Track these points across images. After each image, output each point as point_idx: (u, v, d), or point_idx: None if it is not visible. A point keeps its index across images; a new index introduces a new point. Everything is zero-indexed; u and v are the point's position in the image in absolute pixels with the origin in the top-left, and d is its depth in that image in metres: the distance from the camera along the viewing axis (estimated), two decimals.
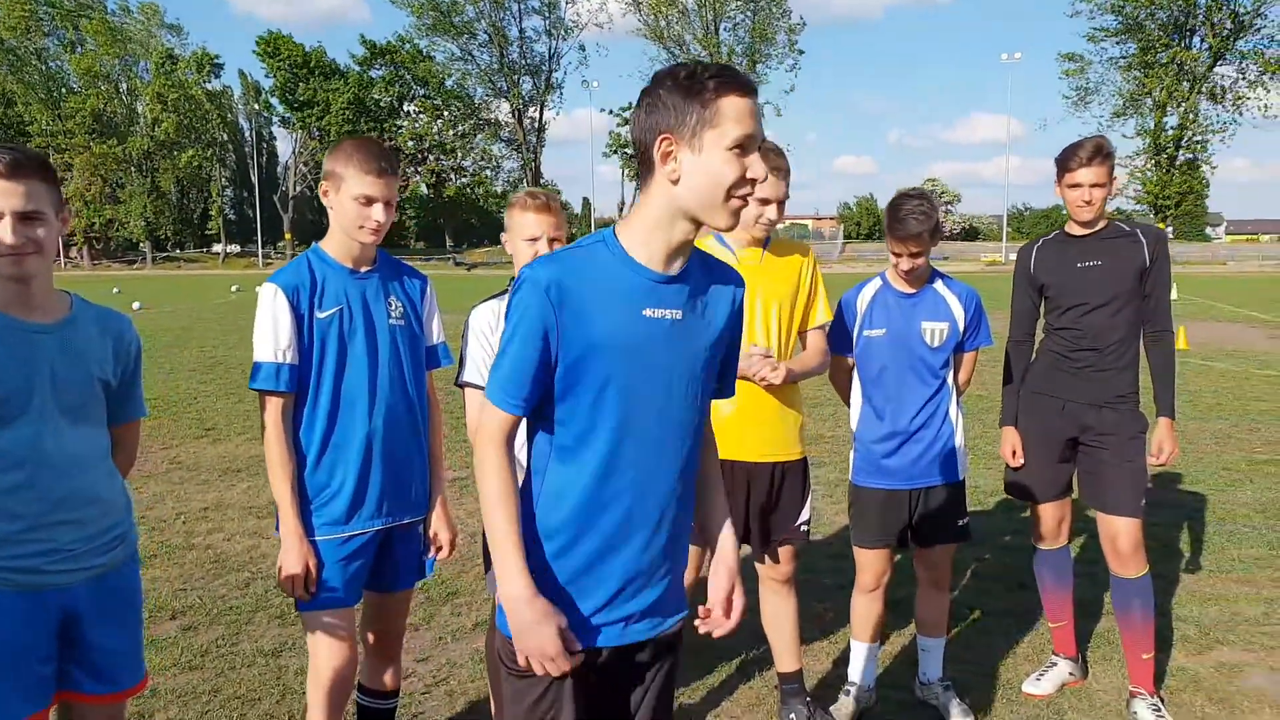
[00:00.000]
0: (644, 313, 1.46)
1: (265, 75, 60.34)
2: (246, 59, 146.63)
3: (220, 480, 5.95)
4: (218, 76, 62.65)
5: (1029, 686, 3.08)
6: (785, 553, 2.80)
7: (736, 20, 55.72)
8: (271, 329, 2.14)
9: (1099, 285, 2.89)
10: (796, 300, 2.73)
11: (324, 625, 2.22)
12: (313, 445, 2.19)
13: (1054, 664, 3.16)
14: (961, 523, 2.90)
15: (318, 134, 58.45)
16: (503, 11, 58.30)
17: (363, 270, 2.25)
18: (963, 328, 2.84)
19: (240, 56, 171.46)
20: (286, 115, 61.26)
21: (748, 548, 2.85)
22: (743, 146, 1.41)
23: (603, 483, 1.49)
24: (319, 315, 2.17)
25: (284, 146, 67.90)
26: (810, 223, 77.92)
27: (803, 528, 2.78)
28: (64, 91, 59.17)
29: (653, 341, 1.47)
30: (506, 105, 60.75)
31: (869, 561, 2.93)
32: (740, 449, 2.65)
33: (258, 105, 64.76)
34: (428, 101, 61.05)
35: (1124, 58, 48.65)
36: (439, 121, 61.51)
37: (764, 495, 2.69)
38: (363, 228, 2.16)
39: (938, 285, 2.85)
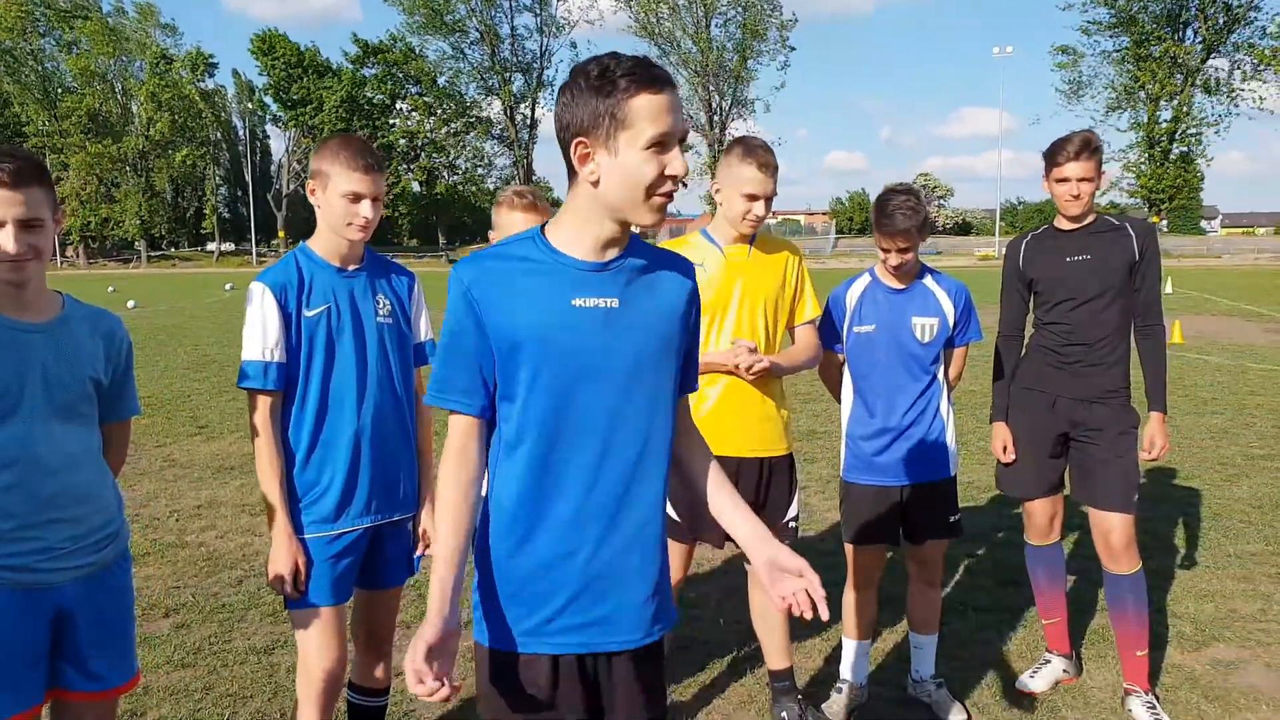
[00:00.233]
0: (573, 302, 1.44)
1: (259, 73, 60.21)
2: (239, 57, 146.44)
3: (213, 478, 5.95)
4: (212, 76, 62.52)
5: (1023, 684, 3.08)
6: None
7: (728, 16, 55.65)
8: (260, 328, 2.14)
9: (1088, 280, 2.88)
10: (783, 296, 2.72)
11: (313, 623, 2.22)
12: (301, 443, 2.19)
13: (1048, 661, 3.15)
14: (953, 519, 2.89)
15: (311, 132, 58.28)
16: (494, 9, 58.21)
17: (350, 268, 2.25)
18: (952, 323, 2.83)
19: (233, 55, 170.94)
20: (280, 114, 61.09)
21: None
22: (661, 144, 1.38)
23: (543, 477, 1.46)
24: (307, 314, 2.17)
25: (277, 145, 67.81)
26: (802, 218, 77.94)
27: (791, 524, 2.78)
28: (60, 91, 58.96)
29: (585, 331, 1.44)
30: (498, 103, 60.64)
31: (861, 558, 2.92)
32: (726, 444, 2.65)
33: (251, 104, 64.57)
34: (420, 99, 60.91)
35: (1117, 51, 48.70)
36: (431, 119, 61.40)
37: (751, 491, 2.69)
38: (351, 224, 2.16)
39: (927, 280, 2.85)
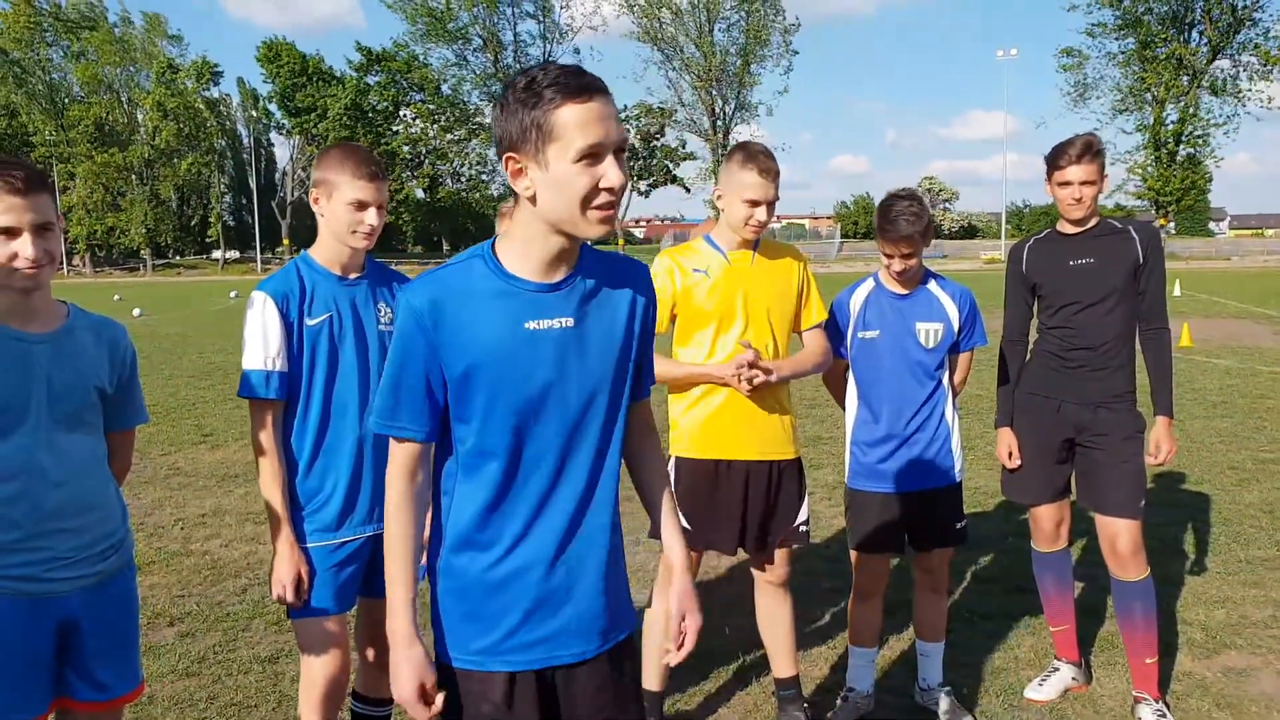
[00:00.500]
0: (526, 325, 1.42)
1: (265, 81, 60.54)
2: (244, 66, 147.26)
3: (218, 486, 5.95)
4: (216, 84, 62.88)
5: (1031, 692, 3.05)
6: (781, 555, 2.78)
7: (731, 21, 55.77)
8: (261, 337, 2.14)
9: (1091, 283, 2.86)
10: (789, 301, 2.71)
11: (316, 632, 2.22)
12: (304, 452, 2.19)
13: (1056, 669, 3.12)
14: (959, 526, 2.87)
15: (315, 140, 58.56)
16: (497, 16, 58.44)
17: (351, 277, 2.25)
18: (957, 328, 2.81)
19: (238, 63, 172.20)
20: (284, 121, 61.39)
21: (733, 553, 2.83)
22: (593, 155, 1.33)
23: (500, 497, 1.45)
24: (309, 322, 2.18)
25: (282, 153, 68.08)
26: (807, 222, 77.98)
27: (802, 528, 2.76)
28: (67, 101, 59.41)
29: (540, 353, 1.42)
30: None
31: (867, 565, 2.90)
32: (736, 449, 2.64)
33: (256, 112, 64.93)
34: (423, 106, 61.14)
35: (1122, 52, 48.63)
36: (434, 126, 61.60)
37: (762, 495, 2.68)
38: (355, 232, 2.17)
39: (931, 286, 2.83)
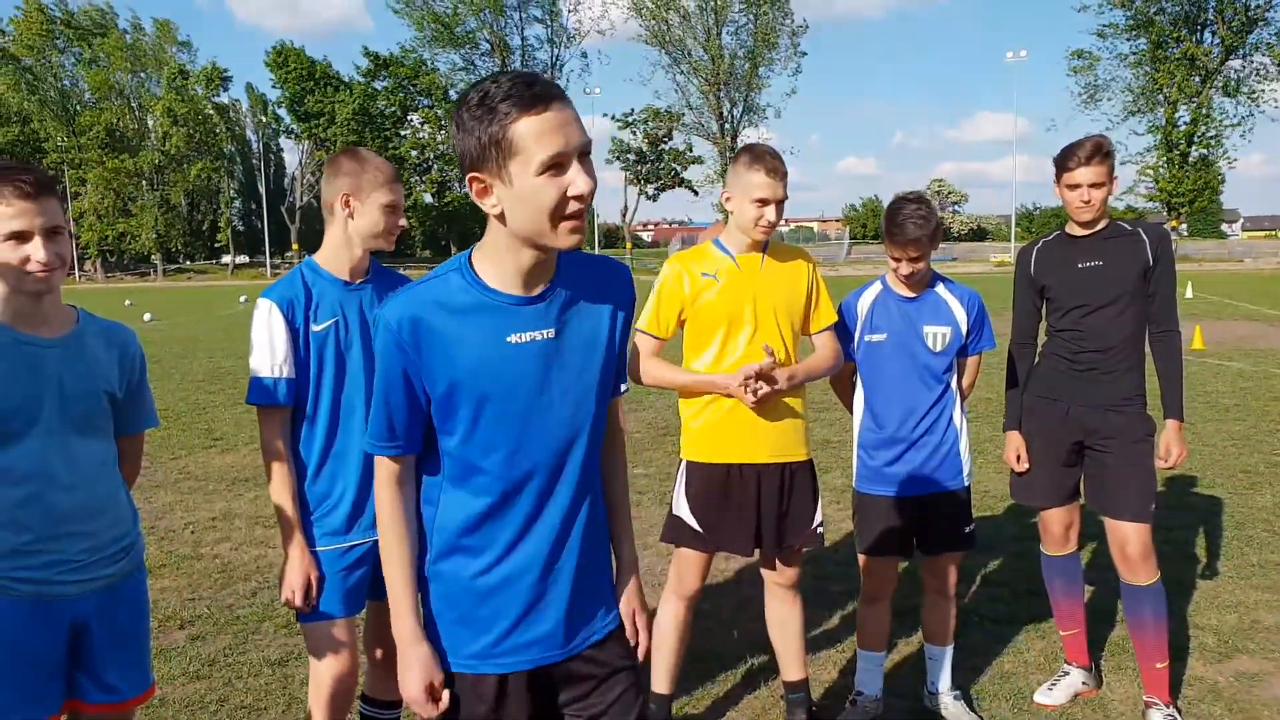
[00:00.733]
0: (508, 339, 1.41)
1: (273, 86, 60.93)
2: (253, 71, 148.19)
3: (228, 490, 5.99)
4: (226, 90, 63.34)
5: (1041, 696, 3.04)
6: (792, 558, 2.77)
7: (739, 24, 55.79)
8: (268, 344, 2.16)
9: (1100, 286, 2.85)
10: (799, 304, 2.70)
11: (326, 635, 2.23)
12: (312, 456, 2.21)
13: (1066, 673, 3.11)
14: (968, 529, 2.86)
15: (324, 145, 58.88)
16: (504, 21, 58.62)
17: (357, 282, 2.27)
18: (965, 331, 2.81)
19: (247, 68, 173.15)
20: (294, 126, 61.76)
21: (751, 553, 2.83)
22: (557, 165, 1.30)
23: (489, 506, 1.46)
24: (315, 328, 2.19)
25: (290, 158, 68.50)
26: (815, 225, 77.92)
27: (819, 530, 2.76)
28: (78, 107, 59.95)
29: (523, 366, 1.42)
30: None
31: (875, 569, 2.90)
32: (747, 452, 2.64)
33: (265, 117, 65.35)
34: (431, 112, 61.39)
35: (1133, 53, 48.38)
36: (442, 131, 61.82)
37: (775, 497, 2.67)
38: (390, 234, 2.25)
39: (939, 289, 2.83)
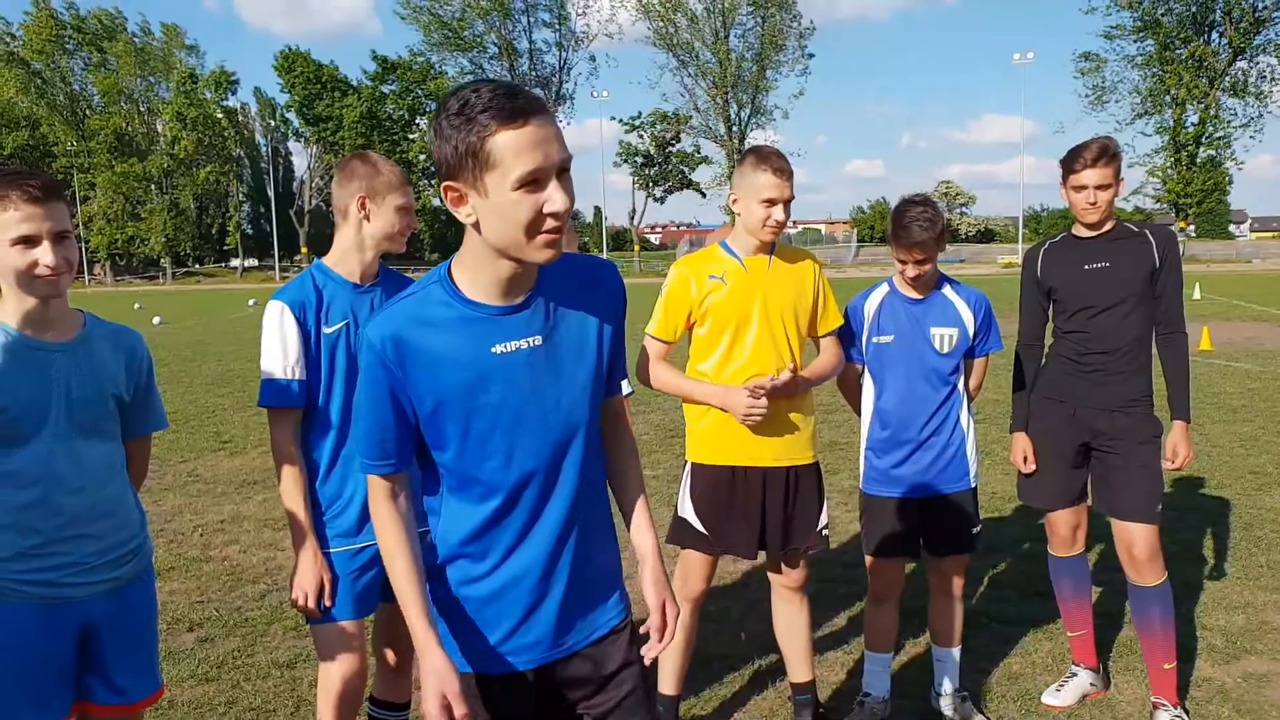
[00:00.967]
0: (494, 350, 1.40)
1: (282, 91, 61.27)
2: (261, 75, 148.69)
3: (237, 493, 6.02)
4: (234, 94, 63.67)
5: (1049, 698, 3.03)
6: (797, 560, 2.77)
7: (746, 26, 55.82)
8: (280, 345, 2.16)
9: (1107, 287, 2.84)
10: (805, 307, 2.70)
11: (335, 637, 2.23)
12: (323, 458, 2.22)
13: (1074, 674, 3.10)
14: (974, 531, 2.86)
15: (332, 148, 59.13)
16: (513, 25, 58.78)
17: (367, 285, 2.28)
18: (972, 333, 2.81)
19: (255, 72, 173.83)
20: (303, 130, 62.05)
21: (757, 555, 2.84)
22: (535, 180, 1.28)
23: (489, 513, 1.45)
24: (326, 330, 2.20)
25: (299, 162, 68.81)
26: (823, 227, 77.78)
27: (824, 532, 2.76)
28: (87, 111, 60.32)
29: (511, 375, 1.41)
30: None
31: (882, 571, 2.90)
32: (751, 455, 2.64)
33: (274, 121, 65.66)
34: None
35: (1141, 55, 48.21)
36: None
37: (780, 500, 2.67)
38: (404, 235, 2.29)
39: (946, 290, 2.83)
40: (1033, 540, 4.60)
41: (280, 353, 2.16)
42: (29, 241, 1.74)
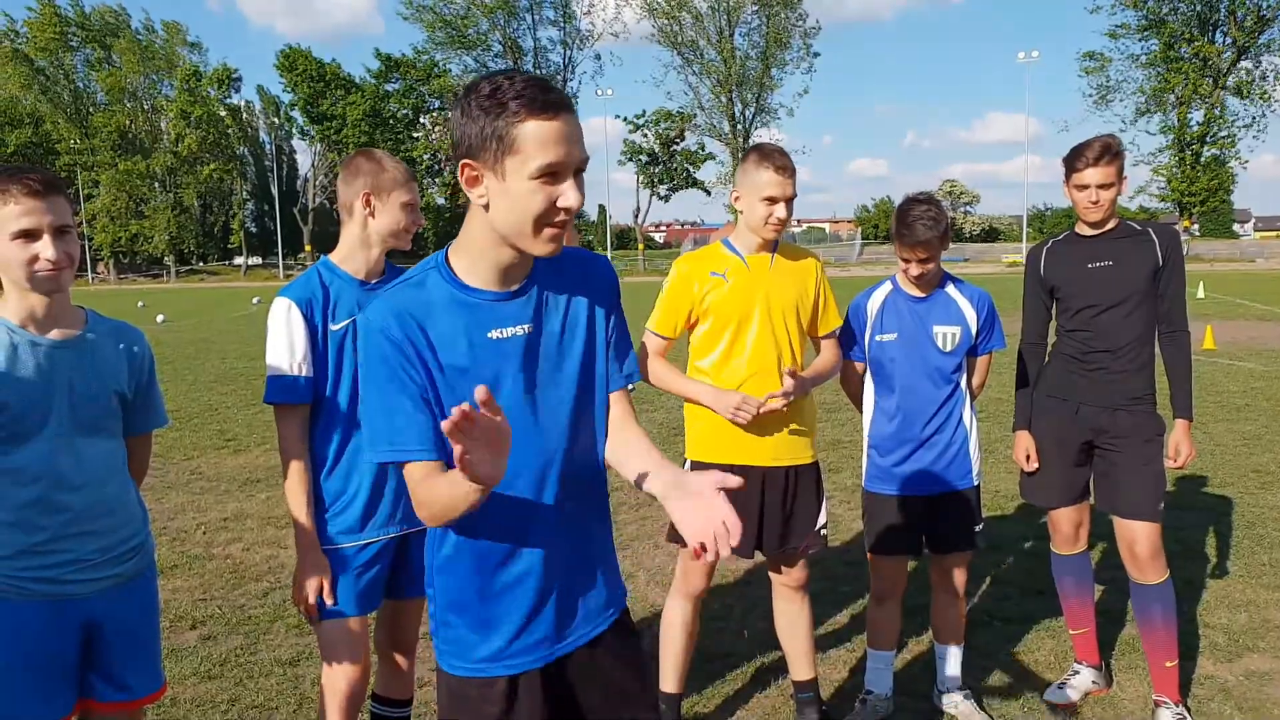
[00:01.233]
0: (489, 335, 1.41)
1: (284, 90, 61.29)
2: (264, 73, 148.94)
3: (240, 491, 6.02)
4: (237, 92, 63.76)
5: (1051, 695, 3.03)
6: (796, 559, 2.78)
7: (751, 25, 55.75)
8: (286, 342, 2.17)
9: (1110, 286, 2.84)
10: (806, 306, 2.71)
11: (337, 634, 2.23)
12: (328, 453, 2.22)
13: (1077, 672, 3.10)
14: (977, 528, 2.87)
15: (336, 147, 59.18)
16: (518, 23, 58.72)
17: (373, 282, 2.28)
18: (975, 331, 2.81)
19: (259, 70, 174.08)
20: (308, 128, 62.09)
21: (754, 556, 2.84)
22: (554, 174, 1.31)
23: (490, 509, 1.43)
24: (333, 327, 2.20)
25: (303, 159, 68.90)
26: (827, 226, 77.74)
27: (822, 531, 2.76)
28: (91, 109, 60.40)
29: (503, 361, 1.42)
30: None
31: (884, 569, 2.90)
32: (750, 454, 2.64)
33: (278, 119, 65.74)
34: (443, 115, 61.54)
35: (1145, 54, 48.09)
36: None
37: (778, 499, 2.68)
38: (409, 231, 2.30)
39: (949, 289, 2.83)
40: (1035, 538, 4.60)
41: (287, 349, 2.16)
42: (29, 235, 1.74)
